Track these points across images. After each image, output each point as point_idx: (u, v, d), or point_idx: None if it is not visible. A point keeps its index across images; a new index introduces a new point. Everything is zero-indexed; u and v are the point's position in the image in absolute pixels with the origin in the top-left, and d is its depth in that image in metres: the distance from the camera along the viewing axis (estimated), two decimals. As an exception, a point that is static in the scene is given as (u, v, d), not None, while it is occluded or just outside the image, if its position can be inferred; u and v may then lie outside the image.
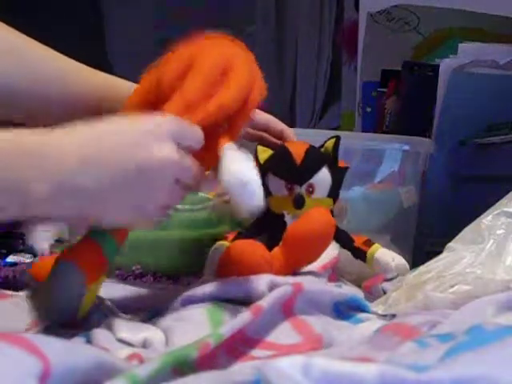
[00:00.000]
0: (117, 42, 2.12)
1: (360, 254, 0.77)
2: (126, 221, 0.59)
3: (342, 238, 0.78)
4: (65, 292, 0.57)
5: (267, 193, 0.77)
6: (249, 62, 0.65)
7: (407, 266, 0.76)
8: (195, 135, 0.60)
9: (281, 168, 0.76)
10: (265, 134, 0.81)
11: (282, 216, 0.76)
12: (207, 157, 0.61)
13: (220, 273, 0.68)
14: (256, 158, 0.77)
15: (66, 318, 0.58)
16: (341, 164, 0.79)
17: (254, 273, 0.64)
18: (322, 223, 0.70)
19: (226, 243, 0.75)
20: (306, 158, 0.76)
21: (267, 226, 0.77)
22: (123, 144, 0.55)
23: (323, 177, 0.76)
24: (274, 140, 0.81)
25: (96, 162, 0.54)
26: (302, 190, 0.76)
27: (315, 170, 0.76)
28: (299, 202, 0.75)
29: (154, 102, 0.63)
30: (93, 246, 0.59)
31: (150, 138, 0.56)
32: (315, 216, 0.70)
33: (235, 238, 0.75)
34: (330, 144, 0.77)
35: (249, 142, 0.81)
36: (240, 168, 0.59)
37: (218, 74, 0.62)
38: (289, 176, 0.76)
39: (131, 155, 0.55)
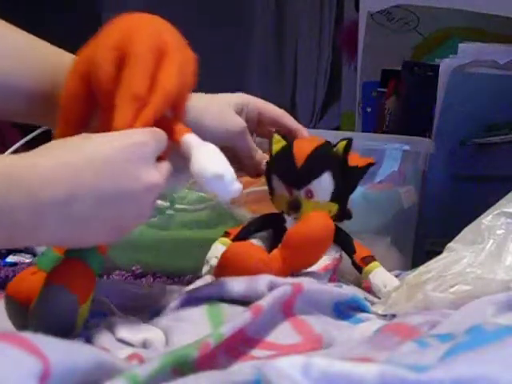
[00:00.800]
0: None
1: (357, 268, 0.76)
2: (107, 240, 0.58)
3: (345, 245, 0.77)
4: (59, 317, 0.57)
5: (270, 191, 0.77)
6: (179, 39, 0.63)
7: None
8: (164, 141, 0.59)
9: (281, 169, 0.75)
10: (273, 130, 0.79)
11: (272, 218, 0.76)
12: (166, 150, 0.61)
13: (218, 275, 0.68)
14: (270, 148, 0.76)
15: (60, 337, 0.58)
16: (363, 162, 0.76)
17: (253, 275, 0.64)
18: (321, 227, 0.69)
19: (227, 240, 0.74)
20: (307, 162, 0.74)
21: (271, 223, 0.76)
22: (111, 172, 0.54)
23: (324, 183, 0.74)
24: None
25: (84, 188, 0.53)
26: (301, 193, 0.74)
27: (315, 175, 0.74)
28: (294, 207, 0.74)
29: (90, 91, 0.61)
30: (79, 266, 0.58)
31: (137, 165, 0.55)
32: (314, 220, 0.70)
33: (238, 234, 0.75)
34: (341, 146, 0.75)
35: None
36: (212, 160, 0.59)
37: (155, 58, 0.60)
38: (287, 179, 0.75)
39: (120, 183, 0.54)
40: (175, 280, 0.84)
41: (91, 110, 0.63)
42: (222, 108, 0.75)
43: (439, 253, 0.70)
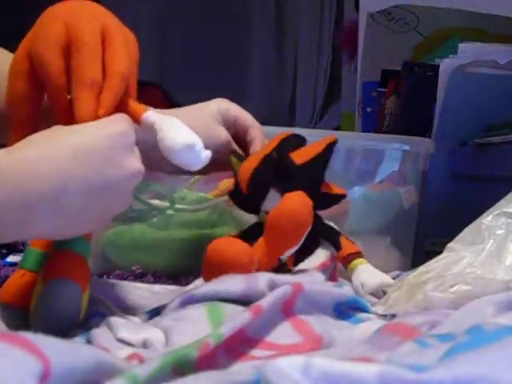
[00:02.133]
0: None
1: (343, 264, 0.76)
2: (95, 228, 0.59)
3: (331, 242, 0.76)
4: (65, 310, 0.57)
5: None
6: (116, 20, 0.63)
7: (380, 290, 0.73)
8: (133, 126, 0.59)
9: (235, 200, 0.75)
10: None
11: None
12: None
13: (205, 276, 0.68)
14: (234, 171, 0.75)
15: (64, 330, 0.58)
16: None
17: (237, 267, 0.65)
18: (299, 203, 0.69)
19: None
20: (249, 186, 0.73)
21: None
22: (100, 161, 0.55)
23: (272, 200, 0.72)
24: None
25: (72, 181, 0.53)
26: (262, 216, 0.73)
27: (261, 196, 0.73)
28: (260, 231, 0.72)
29: (37, 88, 0.60)
30: (73, 256, 0.59)
31: (121, 153, 0.56)
32: (291, 198, 0.70)
33: (238, 237, 0.75)
34: (273, 153, 0.73)
35: None
36: (179, 132, 0.59)
37: (100, 42, 0.60)
38: (244, 208, 0.76)
39: (106, 173, 0.55)
40: (175, 280, 0.84)
41: (40, 106, 0.62)
42: (204, 121, 0.75)
43: (439, 253, 0.71)
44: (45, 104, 0.62)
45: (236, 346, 0.52)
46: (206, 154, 0.60)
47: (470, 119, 1.11)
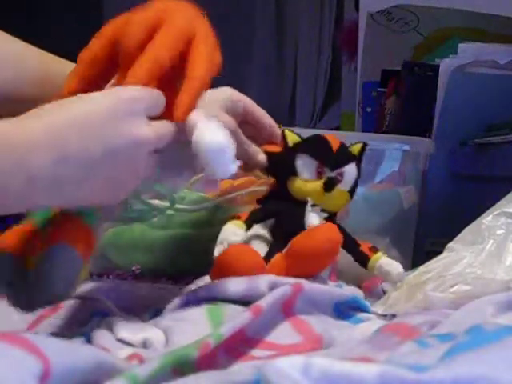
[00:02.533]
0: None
1: (362, 258, 0.77)
2: (104, 200, 0.58)
3: (345, 240, 0.77)
4: (63, 277, 0.56)
5: (293, 174, 0.77)
6: (209, 28, 0.64)
7: (404, 275, 0.75)
8: (161, 102, 0.59)
9: (317, 149, 0.77)
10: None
11: (301, 204, 0.75)
12: (165, 115, 0.60)
13: (214, 277, 0.68)
14: (284, 141, 0.78)
15: (57, 301, 0.58)
16: None
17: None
18: (328, 240, 0.69)
19: (238, 222, 0.74)
20: (340, 148, 0.78)
21: (281, 211, 0.76)
22: (99, 128, 0.53)
23: (352, 170, 0.78)
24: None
25: (70, 150, 0.52)
26: (333, 174, 0.76)
27: (347, 160, 0.78)
28: (329, 184, 0.76)
29: (112, 57, 0.61)
30: (80, 224, 0.58)
31: (127, 119, 0.55)
32: (321, 232, 0.70)
33: (248, 218, 0.75)
34: (356, 148, 0.79)
35: None
36: (216, 134, 0.59)
37: (184, 40, 0.61)
38: (324, 158, 0.77)
39: (108, 140, 0.54)
40: (175, 280, 0.83)
41: (107, 76, 0.63)
42: (211, 107, 0.74)
43: (439, 253, 0.71)
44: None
45: (236, 346, 0.52)
46: (235, 166, 0.59)
47: (470, 119, 1.11)
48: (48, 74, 0.68)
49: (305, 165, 0.76)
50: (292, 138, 0.78)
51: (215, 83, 0.71)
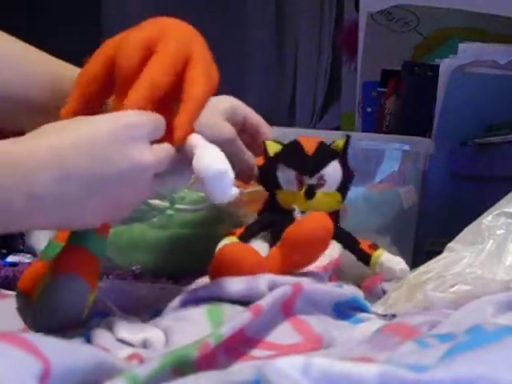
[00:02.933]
0: (113, 24, 2.13)
1: (364, 257, 0.77)
2: (105, 221, 0.59)
3: (345, 239, 0.78)
4: (71, 306, 0.58)
5: (277, 187, 0.77)
6: (206, 49, 0.64)
7: (408, 271, 0.76)
8: (161, 126, 0.60)
9: (292, 158, 0.77)
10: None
11: (291, 212, 0.76)
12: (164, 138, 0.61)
13: (212, 276, 0.68)
14: (265, 152, 0.77)
15: (67, 327, 0.58)
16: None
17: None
18: (320, 227, 0.69)
19: (233, 238, 0.74)
20: (317, 150, 0.76)
21: (275, 222, 0.76)
22: (102, 150, 0.54)
23: (334, 170, 0.77)
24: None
25: (73, 169, 0.53)
26: (313, 181, 0.76)
27: (326, 161, 0.77)
28: (309, 193, 0.75)
29: (109, 76, 0.62)
30: (86, 254, 0.59)
31: (129, 144, 0.56)
32: (313, 219, 0.70)
33: (243, 233, 0.75)
34: (340, 142, 0.78)
35: None
36: (217, 159, 0.59)
37: (181, 61, 0.61)
38: (300, 166, 0.76)
39: (111, 162, 0.55)
40: (175, 280, 0.83)
41: (105, 95, 0.63)
42: (211, 116, 0.75)
43: (439, 253, 0.71)
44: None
45: (236, 346, 0.52)
46: (235, 191, 0.60)
47: (470, 119, 1.11)
48: (56, 79, 0.69)
49: (284, 176, 0.77)
50: (273, 147, 0.78)
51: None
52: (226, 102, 0.77)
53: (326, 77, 2.11)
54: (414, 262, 0.80)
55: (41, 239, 0.99)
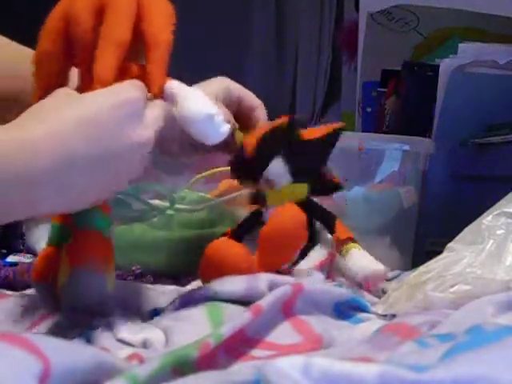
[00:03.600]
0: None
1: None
2: (103, 198, 0.58)
3: (325, 224, 0.75)
4: (92, 298, 0.59)
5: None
6: None
7: (380, 272, 0.72)
8: (145, 92, 0.57)
9: (234, 168, 0.72)
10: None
11: (260, 213, 0.74)
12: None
13: (202, 275, 0.68)
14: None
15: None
16: (319, 132, 0.75)
17: (235, 272, 0.65)
18: (290, 220, 0.69)
19: (225, 238, 0.74)
20: (254, 153, 0.70)
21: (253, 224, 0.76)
22: (100, 134, 0.53)
23: (276, 168, 0.70)
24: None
25: (75, 155, 0.52)
26: (262, 185, 0.71)
27: (264, 163, 0.70)
28: (260, 201, 0.72)
29: (66, 48, 0.59)
30: (96, 237, 0.59)
31: (127, 124, 0.54)
32: (282, 214, 0.69)
33: (234, 230, 0.74)
34: (283, 125, 0.71)
35: None
36: (202, 102, 0.58)
37: (135, 7, 0.59)
38: (243, 176, 0.72)
39: (111, 145, 0.54)
40: (175, 280, 0.84)
41: (68, 68, 0.61)
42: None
43: (439, 253, 0.71)
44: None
45: (236, 346, 0.52)
46: (226, 127, 0.59)
47: (470, 119, 1.11)
48: (17, 67, 0.67)
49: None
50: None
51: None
52: (221, 83, 0.76)
53: (326, 77, 2.11)
54: (414, 262, 0.80)
55: (41, 239, 0.99)
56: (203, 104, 0.58)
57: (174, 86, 0.59)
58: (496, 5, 1.40)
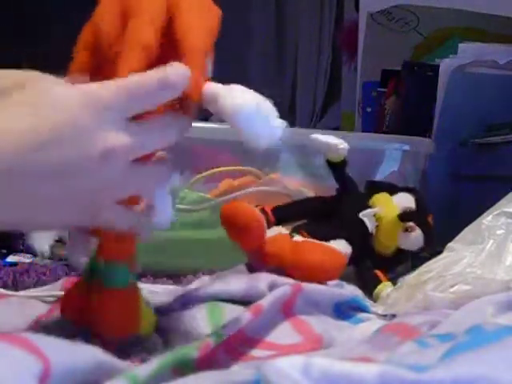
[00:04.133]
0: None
1: None
2: (79, 222, 0.51)
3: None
4: None
5: None
6: None
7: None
8: (142, 97, 0.49)
9: None
10: None
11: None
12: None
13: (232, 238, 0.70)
14: None
15: None
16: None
17: (248, 231, 0.68)
18: (321, 255, 0.71)
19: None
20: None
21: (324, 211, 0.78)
22: (56, 138, 0.45)
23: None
24: None
25: (23, 164, 0.45)
26: None
27: None
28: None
29: (100, 64, 0.54)
30: (120, 298, 0.54)
31: (88, 129, 0.46)
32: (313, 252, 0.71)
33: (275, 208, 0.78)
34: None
35: None
36: (246, 95, 0.53)
37: (163, 6, 0.54)
38: None
39: (64, 151, 0.46)
40: (175, 280, 0.84)
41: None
42: None
43: (439, 253, 0.71)
44: None
45: (236, 346, 0.52)
46: (279, 123, 0.53)
47: (470, 119, 1.11)
48: None
49: None
50: None
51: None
52: None
53: (326, 77, 2.11)
54: (414, 262, 0.80)
55: (41, 239, 0.99)
56: (251, 96, 0.53)
57: (211, 86, 0.54)
58: (496, 5, 1.40)
